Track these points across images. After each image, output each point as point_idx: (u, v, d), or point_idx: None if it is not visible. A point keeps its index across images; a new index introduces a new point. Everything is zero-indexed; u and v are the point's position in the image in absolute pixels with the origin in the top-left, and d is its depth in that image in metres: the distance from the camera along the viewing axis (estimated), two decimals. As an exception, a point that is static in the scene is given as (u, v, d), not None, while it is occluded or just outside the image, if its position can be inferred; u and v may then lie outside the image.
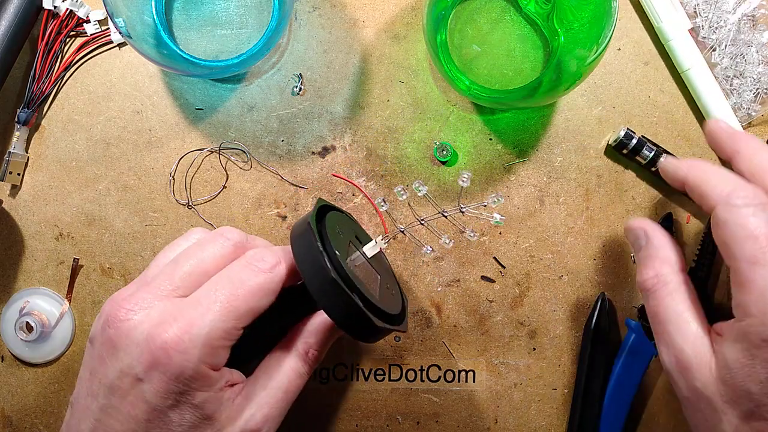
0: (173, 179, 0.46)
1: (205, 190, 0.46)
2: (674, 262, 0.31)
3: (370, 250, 0.35)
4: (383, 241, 0.35)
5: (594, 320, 0.46)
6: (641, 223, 0.33)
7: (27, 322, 0.45)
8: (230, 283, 0.29)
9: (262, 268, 0.30)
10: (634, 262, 0.47)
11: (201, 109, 0.46)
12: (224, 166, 0.46)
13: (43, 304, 0.46)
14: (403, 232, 0.34)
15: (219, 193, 0.46)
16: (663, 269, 0.30)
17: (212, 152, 0.46)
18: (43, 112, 0.46)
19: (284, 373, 0.33)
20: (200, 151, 0.46)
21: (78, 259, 0.46)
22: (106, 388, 0.28)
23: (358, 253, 0.35)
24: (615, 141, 0.45)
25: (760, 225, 0.26)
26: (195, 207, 0.46)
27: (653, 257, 0.31)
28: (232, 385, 0.30)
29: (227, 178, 0.46)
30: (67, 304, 0.46)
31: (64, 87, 0.46)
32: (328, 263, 0.29)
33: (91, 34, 0.45)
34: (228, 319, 0.28)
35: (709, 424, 0.26)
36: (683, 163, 0.31)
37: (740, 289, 0.25)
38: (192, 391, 0.27)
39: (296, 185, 0.46)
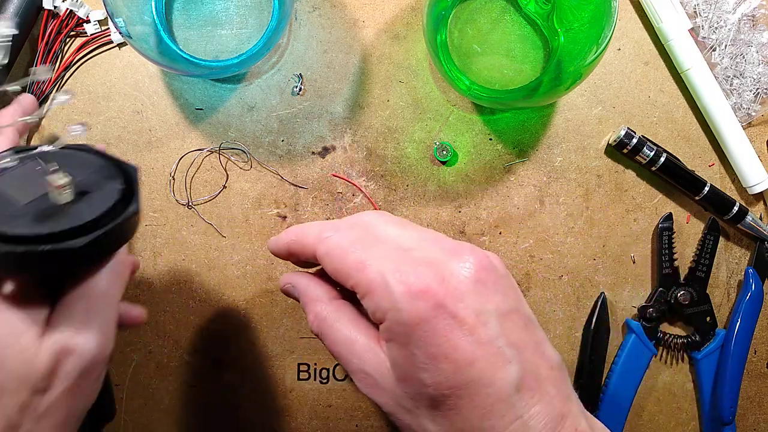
0: (173, 179, 0.46)
1: (205, 190, 0.46)
2: (321, 295, 0.30)
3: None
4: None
5: (594, 320, 0.46)
6: (286, 279, 0.32)
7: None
8: None
9: None
10: (634, 261, 0.47)
11: (201, 109, 0.46)
12: (224, 166, 0.46)
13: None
14: None
15: (219, 193, 0.46)
16: (316, 307, 0.29)
17: (212, 152, 0.46)
18: (44, 112, 0.46)
19: None
20: (200, 151, 0.46)
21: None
22: None
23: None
24: (615, 140, 0.45)
25: (346, 240, 0.28)
26: (195, 207, 0.46)
27: (306, 303, 0.30)
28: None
29: (227, 178, 0.46)
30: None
31: (64, 87, 0.46)
32: None
33: (91, 34, 0.45)
34: None
35: (414, 429, 0.26)
36: (282, 234, 0.32)
37: (369, 297, 0.26)
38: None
39: (296, 185, 0.46)
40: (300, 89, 0.46)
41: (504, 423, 0.24)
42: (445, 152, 0.46)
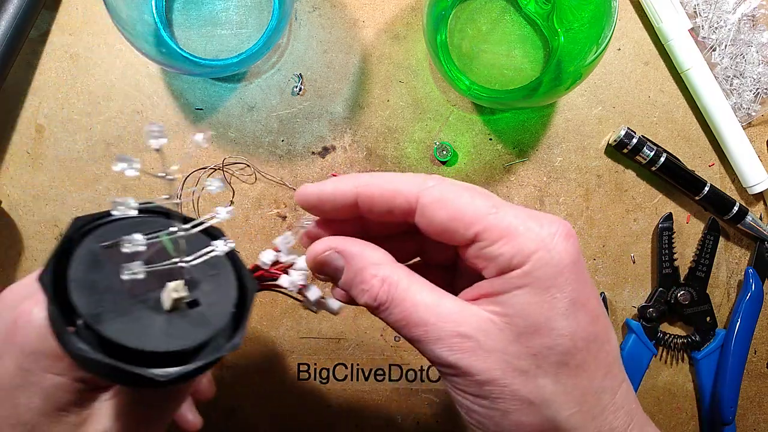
0: (180, 200, 0.46)
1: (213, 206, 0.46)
2: (385, 258, 0.25)
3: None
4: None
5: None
6: (325, 243, 0.26)
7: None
8: None
9: None
10: (634, 261, 0.47)
11: (201, 109, 0.46)
12: (229, 182, 0.46)
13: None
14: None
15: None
16: (383, 271, 0.25)
17: (216, 169, 0.46)
18: (44, 112, 0.46)
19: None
20: (204, 170, 0.46)
21: (78, 259, 0.46)
22: None
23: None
24: (615, 140, 0.45)
25: (462, 187, 0.25)
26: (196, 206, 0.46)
27: (363, 268, 0.25)
28: (103, 389, 0.27)
29: (234, 194, 0.46)
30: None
31: (64, 87, 0.46)
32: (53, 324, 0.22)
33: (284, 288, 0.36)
34: None
35: (523, 395, 0.23)
36: (340, 179, 0.26)
37: (506, 241, 0.23)
38: (40, 371, 0.25)
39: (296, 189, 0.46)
40: (300, 89, 0.46)
41: (617, 383, 0.24)
42: (445, 152, 0.46)
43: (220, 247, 0.24)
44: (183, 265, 0.24)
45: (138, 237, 0.23)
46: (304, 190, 0.27)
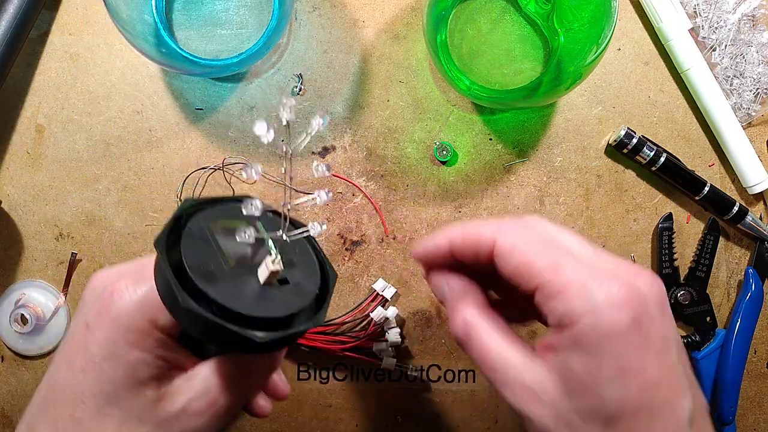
0: (179, 200, 0.46)
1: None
2: (474, 300, 0.29)
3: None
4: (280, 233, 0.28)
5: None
6: (441, 277, 0.31)
7: (22, 314, 0.44)
8: None
9: None
10: (634, 261, 0.47)
11: (201, 109, 0.46)
12: (229, 181, 0.46)
13: (39, 297, 0.46)
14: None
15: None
16: (465, 312, 0.28)
17: (216, 170, 0.46)
18: (44, 112, 0.46)
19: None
20: (204, 170, 0.46)
21: (76, 253, 0.46)
22: (62, 342, 0.29)
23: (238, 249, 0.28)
24: (615, 140, 0.45)
25: (533, 239, 0.27)
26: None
27: (454, 304, 0.29)
28: (181, 369, 0.29)
29: (233, 194, 0.46)
30: (63, 297, 0.46)
31: (64, 87, 0.46)
32: (166, 268, 0.24)
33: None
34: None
35: None
36: (434, 235, 0.30)
37: (561, 299, 0.24)
38: (127, 346, 0.27)
39: (303, 191, 0.46)
40: (300, 89, 0.46)
41: None
42: (445, 152, 0.46)
43: (315, 228, 0.27)
44: (285, 237, 0.27)
45: (258, 203, 0.26)
46: (417, 252, 0.31)
